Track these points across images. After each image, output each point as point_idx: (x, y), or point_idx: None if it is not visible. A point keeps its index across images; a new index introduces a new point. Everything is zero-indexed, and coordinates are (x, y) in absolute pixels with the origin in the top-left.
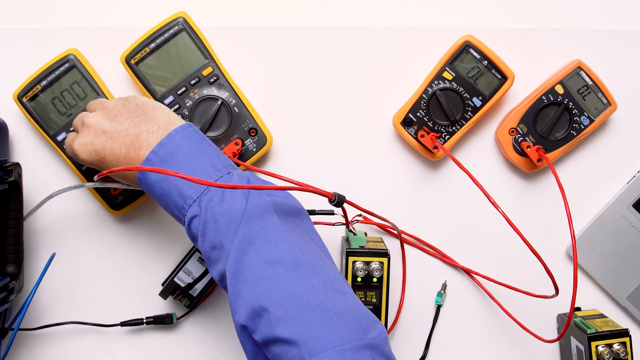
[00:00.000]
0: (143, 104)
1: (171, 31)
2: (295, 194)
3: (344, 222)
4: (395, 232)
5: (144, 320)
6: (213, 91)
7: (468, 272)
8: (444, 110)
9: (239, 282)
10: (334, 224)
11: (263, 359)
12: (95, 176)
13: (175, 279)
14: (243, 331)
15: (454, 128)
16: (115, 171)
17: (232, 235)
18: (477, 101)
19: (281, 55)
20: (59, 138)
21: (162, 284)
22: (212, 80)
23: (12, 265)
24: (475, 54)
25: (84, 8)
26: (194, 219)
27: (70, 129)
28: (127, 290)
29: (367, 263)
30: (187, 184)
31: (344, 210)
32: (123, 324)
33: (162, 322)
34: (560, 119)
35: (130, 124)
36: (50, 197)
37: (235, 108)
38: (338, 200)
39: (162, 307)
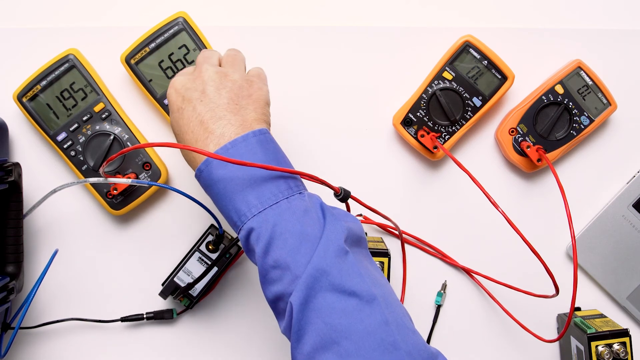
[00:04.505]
0: (251, 96)
1: (171, 31)
2: None
3: None
4: (397, 231)
5: (144, 316)
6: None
7: (468, 272)
8: (444, 110)
9: (310, 309)
10: None
11: None
12: (100, 168)
13: (175, 279)
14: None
15: (454, 128)
16: (190, 149)
17: (303, 259)
18: (477, 101)
19: (281, 55)
20: (59, 138)
21: (162, 284)
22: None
23: (12, 265)
24: (475, 54)
25: (84, 8)
26: (255, 231)
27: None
28: (126, 290)
29: None
30: (254, 192)
31: (347, 207)
32: (123, 319)
33: (162, 317)
34: (560, 119)
35: (226, 104)
36: (54, 191)
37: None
38: (344, 195)
39: (161, 307)
